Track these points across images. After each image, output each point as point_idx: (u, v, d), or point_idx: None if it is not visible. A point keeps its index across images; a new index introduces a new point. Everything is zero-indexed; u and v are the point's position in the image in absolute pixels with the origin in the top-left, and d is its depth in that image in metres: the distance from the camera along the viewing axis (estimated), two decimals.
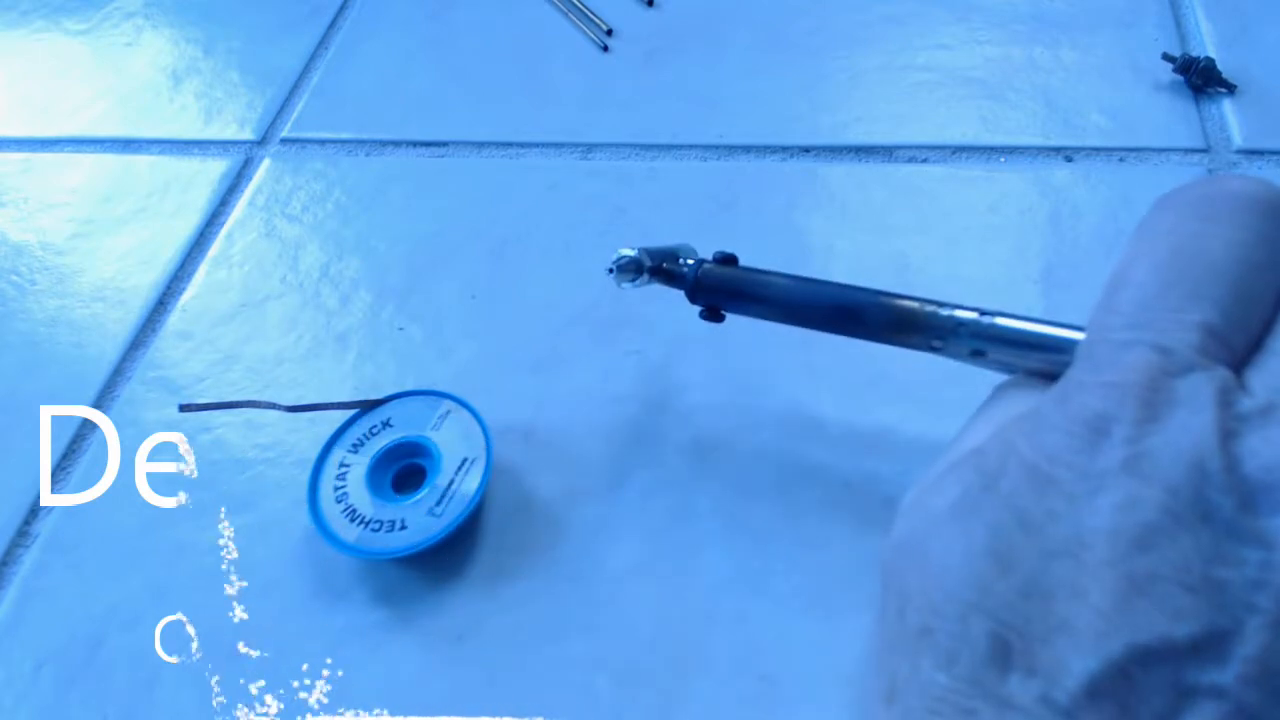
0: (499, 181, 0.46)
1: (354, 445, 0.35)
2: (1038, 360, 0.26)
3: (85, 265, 0.46)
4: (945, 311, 0.28)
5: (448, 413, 0.35)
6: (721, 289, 0.31)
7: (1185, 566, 0.15)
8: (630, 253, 0.32)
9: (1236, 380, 0.16)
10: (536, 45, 0.52)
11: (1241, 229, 0.18)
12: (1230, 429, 0.16)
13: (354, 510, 0.33)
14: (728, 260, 0.31)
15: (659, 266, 0.33)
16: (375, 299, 0.42)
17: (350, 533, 0.32)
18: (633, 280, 0.33)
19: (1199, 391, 0.16)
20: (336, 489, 0.34)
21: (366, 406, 0.36)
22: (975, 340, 0.27)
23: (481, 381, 0.38)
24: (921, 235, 0.41)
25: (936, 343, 0.28)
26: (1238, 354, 0.17)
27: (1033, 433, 0.18)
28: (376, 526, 0.32)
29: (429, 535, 0.32)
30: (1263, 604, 0.15)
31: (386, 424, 0.35)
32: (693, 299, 0.32)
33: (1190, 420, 0.16)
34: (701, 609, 0.31)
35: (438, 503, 0.33)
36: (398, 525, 0.32)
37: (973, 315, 0.28)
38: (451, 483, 0.33)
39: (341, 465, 0.34)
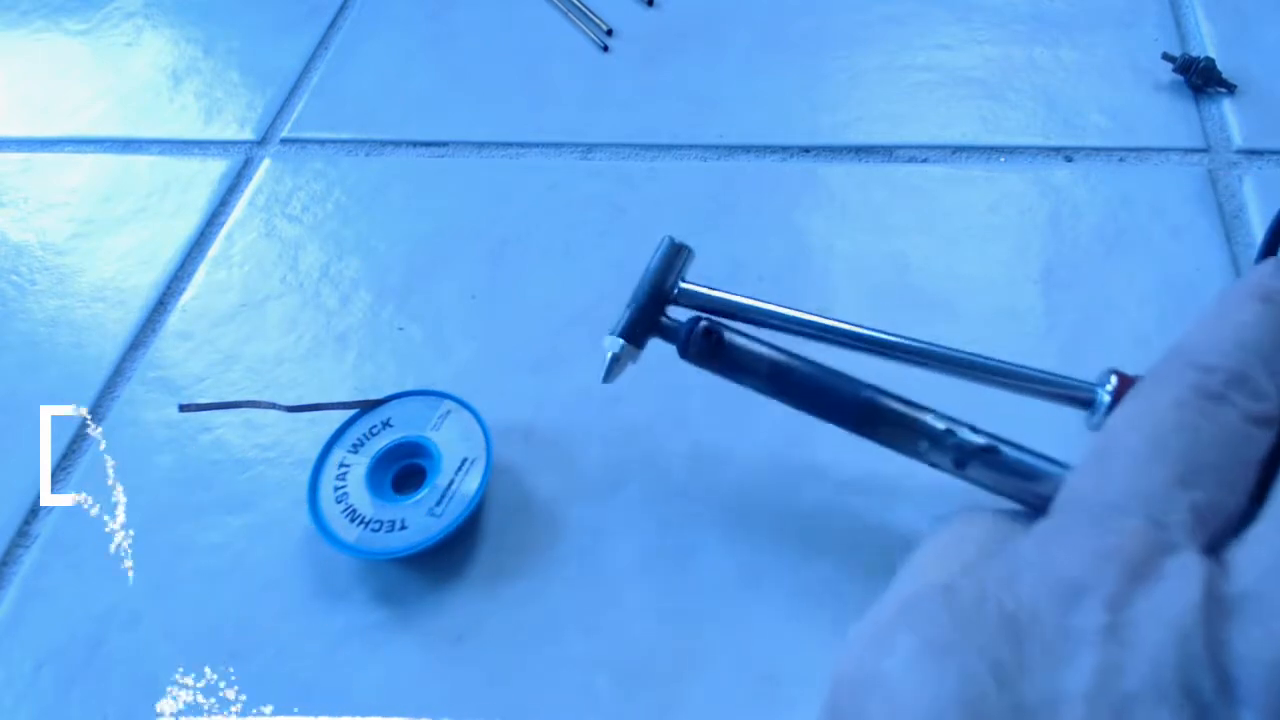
0: (499, 181, 0.46)
1: (354, 445, 0.35)
2: (1005, 485, 0.26)
3: (85, 265, 0.46)
4: (920, 425, 0.27)
5: (448, 413, 0.35)
6: (707, 361, 0.30)
7: None
8: (615, 352, 0.31)
9: (1220, 564, 0.17)
10: (536, 45, 0.52)
11: (1230, 419, 0.18)
12: (1213, 612, 0.16)
13: (354, 510, 0.33)
14: (712, 333, 0.30)
15: (649, 331, 0.31)
16: (375, 299, 0.42)
17: (350, 533, 0.32)
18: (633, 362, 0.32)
19: (1187, 570, 0.16)
20: (336, 489, 0.34)
21: (366, 406, 0.36)
22: (938, 452, 0.27)
23: (481, 381, 0.38)
24: (921, 235, 0.41)
25: (908, 449, 0.28)
26: (1218, 528, 0.18)
27: (1011, 580, 0.17)
28: (376, 526, 0.32)
29: (429, 535, 0.32)
30: None
31: (386, 424, 0.35)
32: (683, 357, 0.31)
33: (1177, 594, 0.16)
34: (701, 609, 0.31)
35: (438, 503, 0.33)
36: (398, 525, 0.32)
37: (943, 426, 0.27)
38: (451, 483, 0.33)
39: (341, 465, 0.34)
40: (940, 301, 0.38)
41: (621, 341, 0.31)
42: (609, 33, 0.52)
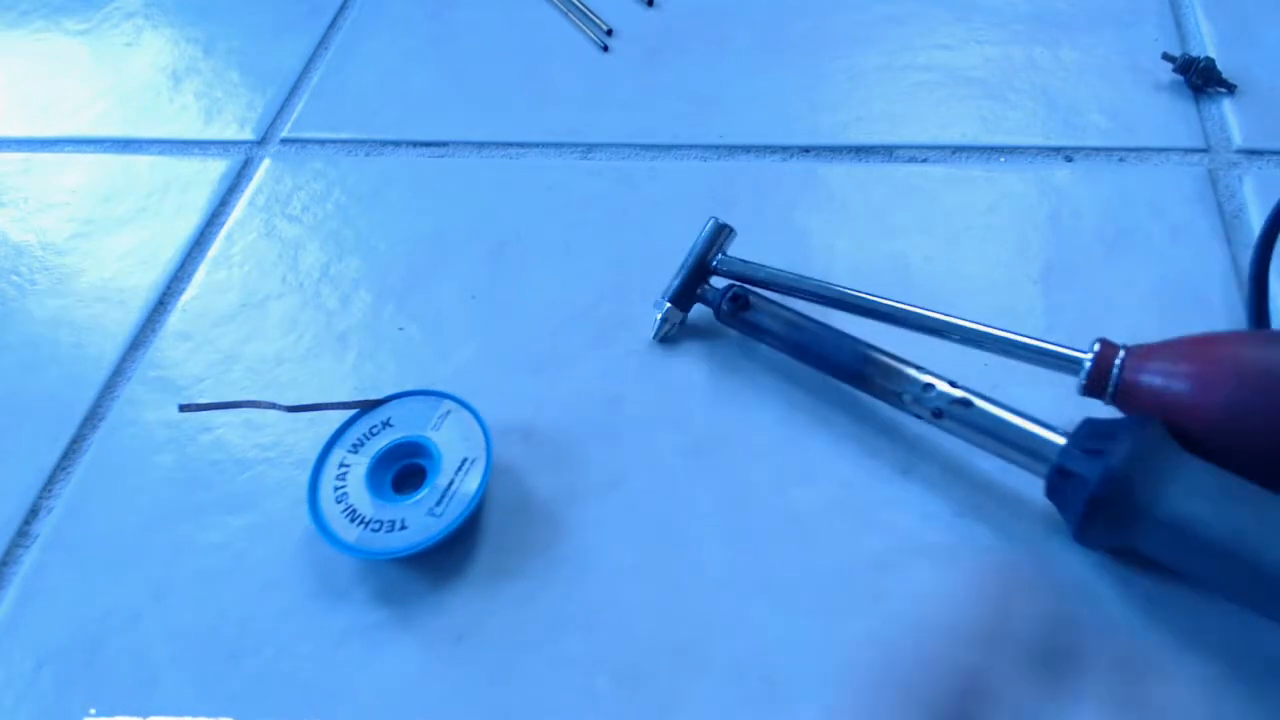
0: (499, 181, 0.46)
1: (354, 445, 0.35)
2: (977, 438, 0.31)
3: (85, 265, 0.46)
4: (904, 378, 0.32)
5: (448, 413, 0.35)
6: (734, 321, 0.37)
7: None
8: (663, 314, 0.37)
9: None
10: (536, 45, 0.52)
11: None
12: None
13: (354, 510, 0.33)
14: (739, 298, 0.36)
15: (691, 299, 0.38)
16: (375, 299, 0.42)
17: (350, 533, 0.32)
18: (680, 324, 0.38)
19: None
20: (336, 489, 0.33)
21: (366, 406, 0.36)
22: (919, 404, 0.32)
23: (481, 381, 0.38)
24: (921, 235, 0.41)
25: (894, 400, 0.33)
26: None
27: None
28: (376, 526, 0.32)
29: (429, 535, 0.32)
30: None
31: (387, 424, 0.35)
32: (717, 318, 0.38)
33: None
34: (701, 609, 0.31)
35: (438, 503, 0.33)
36: (398, 525, 0.32)
37: (924, 380, 0.32)
38: (451, 483, 0.33)
39: (341, 465, 0.34)
40: (940, 301, 0.38)
41: (668, 305, 0.37)
42: (609, 33, 0.52)
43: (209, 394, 0.39)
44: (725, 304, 0.37)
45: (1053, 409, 0.31)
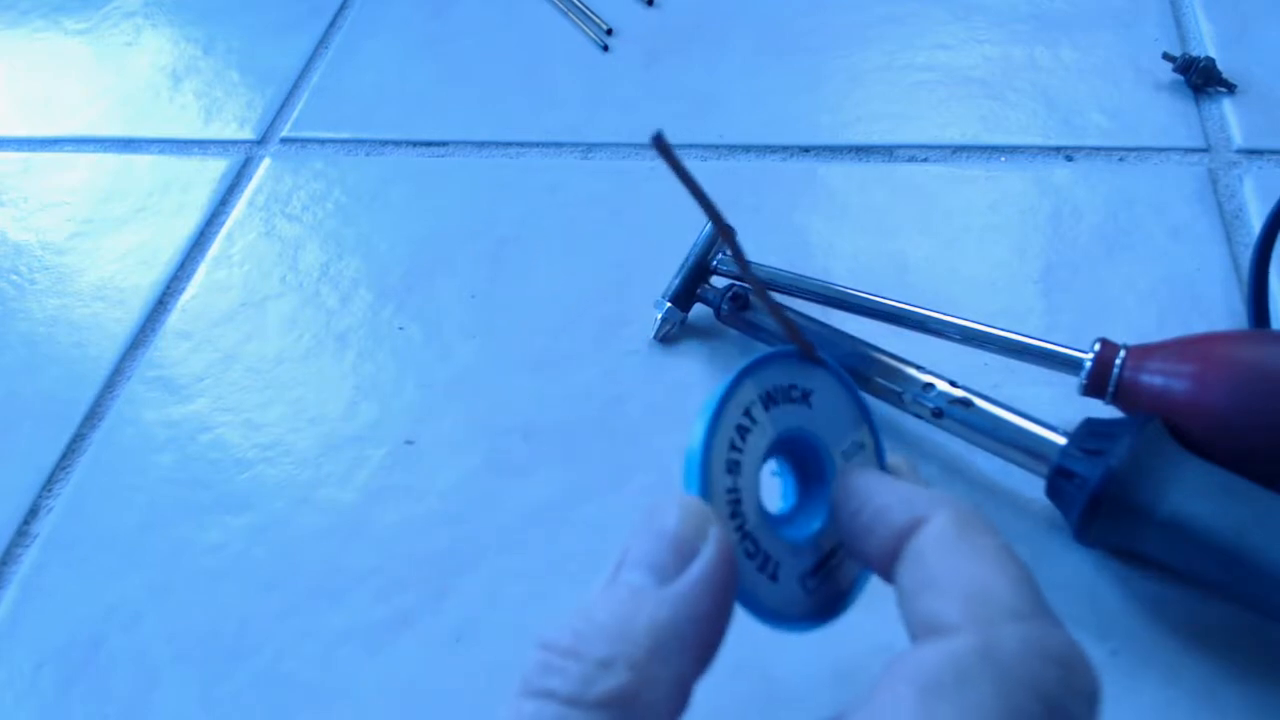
0: (499, 181, 0.46)
1: (767, 397, 0.22)
2: (977, 437, 0.31)
3: (85, 265, 0.46)
4: (904, 378, 0.32)
5: (862, 446, 0.23)
6: (734, 321, 0.37)
7: None
8: (663, 314, 0.37)
9: None
10: (536, 45, 0.52)
11: None
12: None
13: (738, 497, 0.21)
14: (738, 298, 0.37)
15: (691, 299, 0.38)
16: (375, 299, 0.42)
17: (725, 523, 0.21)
18: (681, 323, 0.38)
19: None
20: (731, 449, 0.21)
21: (804, 353, 0.23)
22: (919, 403, 0.32)
23: (481, 381, 0.38)
24: (921, 235, 0.41)
25: (894, 400, 0.33)
26: None
27: None
28: (750, 550, 0.21)
29: (787, 615, 0.22)
30: None
31: (806, 397, 0.22)
32: (717, 318, 0.38)
33: None
34: None
35: (814, 569, 0.22)
36: (769, 564, 0.21)
37: (924, 380, 0.32)
38: (835, 552, 0.23)
39: (747, 416, 0.21)
40: (940, 301, 0.38)
41: (668, 305, 0.38)
42: (609, 33, 0.52)
43: (208, 394, 0.39)
44: (725, 304, 0.37)
45: (1053, 409, 0.31)
